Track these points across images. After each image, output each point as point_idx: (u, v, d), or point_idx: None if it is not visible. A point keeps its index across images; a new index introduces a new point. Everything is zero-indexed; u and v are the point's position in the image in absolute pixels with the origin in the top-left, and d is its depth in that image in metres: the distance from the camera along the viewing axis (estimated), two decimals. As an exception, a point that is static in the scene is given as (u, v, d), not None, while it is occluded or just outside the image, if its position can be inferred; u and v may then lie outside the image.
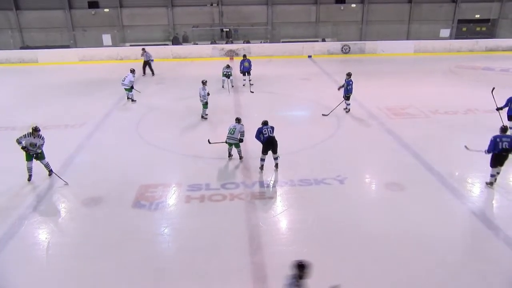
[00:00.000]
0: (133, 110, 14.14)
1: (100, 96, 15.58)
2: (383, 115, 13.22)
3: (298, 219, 7.46)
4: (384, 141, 11.10)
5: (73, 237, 7.05)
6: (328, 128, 12.16)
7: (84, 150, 10.76)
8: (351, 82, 13.11)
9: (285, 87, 17.21)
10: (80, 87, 17.79)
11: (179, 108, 14.44)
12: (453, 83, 17.71)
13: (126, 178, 9.03)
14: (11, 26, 27.07)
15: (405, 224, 7.23)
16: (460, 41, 26.26)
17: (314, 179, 8.83)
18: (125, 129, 12.24)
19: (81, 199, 8.19)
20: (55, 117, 13.28)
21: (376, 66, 21.77)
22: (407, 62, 23.10)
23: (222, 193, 8.32)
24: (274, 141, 9.02)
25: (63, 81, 19.11)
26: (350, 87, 13.07)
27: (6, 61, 23.65)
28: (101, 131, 12.17)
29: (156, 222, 7.46)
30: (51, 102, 15.49)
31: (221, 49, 24.75)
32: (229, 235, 6.99)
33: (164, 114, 13.79)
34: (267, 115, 11.65)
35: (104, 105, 14.73)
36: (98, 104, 14.82)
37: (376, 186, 8.84)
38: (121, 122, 12.91)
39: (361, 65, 22.45)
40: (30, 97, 16.41)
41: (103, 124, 12.77)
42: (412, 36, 28.26)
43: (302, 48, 24.99)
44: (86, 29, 27.32)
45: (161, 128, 12.36)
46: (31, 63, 23.42)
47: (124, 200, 8.09)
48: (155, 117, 13.51)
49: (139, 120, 13.05)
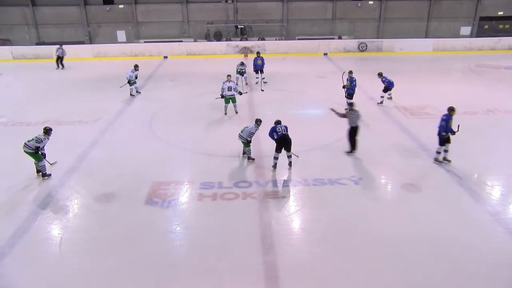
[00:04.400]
0: (146, 107, 14.26)
1: (114, 92, 15.75)
2: (400, 114, 13.08)
3: (312, 219, 7.44)
4: (401, 141, 10.99)
5: (86, 233, 7.15)
6: (343, 126, 12.03)
7: (97, 146, 10.89)
8: (354, 79, 13.02)
9: (299, 85, 17.15)
10: (94, 83, 18.04)
11: (192, 105, 14.51)
12: (473, 83, 17.40)
13: (139, 174, 9.12)
14: (27, 22, 27.62)
15: (421, 226, 7.14)
16: (481, 39, 25.80)
17: (329, 179, 8.79)
18: (138, 126, 12.36)
19: (93, 195, 8.30)
20: (69, 113, 13.48)
21: (394, 65, 21.50)
22: (425, 61, 22.79)
23: (234, 192, 8.34)
24: (288, 139, 9.00)
25: (77, 77, 19.41)
26: (353, 85, 12.95)
27: (22, 57, 24.12)
28: (114, 127, 12.31)
29: (168, 220, 7.52)
30: (65, 98, 15.72)
31: (235, 46, 24.80)
32: (241, 234, 7.00)
33: (177, 111, 13.88)
34: (281, 113, 11.65)
35: (118, 101, 14.89)
36: (112, 100, 14.98)
37: (392, 187, 8.75)
38: (134, 119, 13.04)
39: (378, 63, 22.19)
40: (45, 93, 16.69)
41: (116, 120, 12.91)
42: (431, 34, 27.94)
43: (318, 45, 24.90)
44: (100, 25, 27.70)
45: (174, 125, 12.44)
46: (46, 59, 23.79)
47: (137, 197, 8.17)
48: (168, 114, 13.60)
49: (152, 116, 13.16)
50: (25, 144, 8.71)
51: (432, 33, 27.96)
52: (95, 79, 18.97)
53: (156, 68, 21.51)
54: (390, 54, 24.55)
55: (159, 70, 21.05)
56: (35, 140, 8.71)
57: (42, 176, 8.98)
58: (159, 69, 21.30)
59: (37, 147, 8.69)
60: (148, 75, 19.25)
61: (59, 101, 15.24)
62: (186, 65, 22.14)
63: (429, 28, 28.38)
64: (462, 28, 26.97)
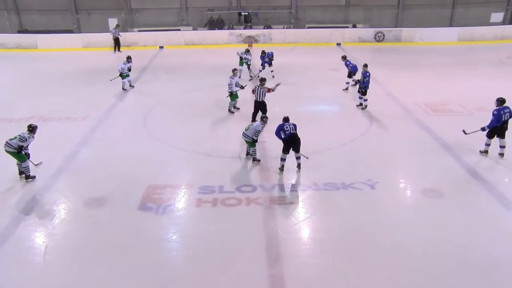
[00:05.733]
0: (140, 102, 14.29)
1: (105, 86, 15.78)
2: (421, 111, 13.02)
3: (323, 227, 7.41)
4: (422, 141, 10.93)
5: (73, 240, 7.15)
6: (358, 125, 12.04)
7: (87, 146, 10.92)
8: (367, 74, 12.96)
9: (310, 78, 17.12)
10: (84, 76, 18.09)
11: (190, 101, 14.52)
12: (504, 76, 17.23)
13: (132, 177, 9.13)
14: (7, 7, 27.46)
15: (444, 235, 7.09)
16: (515, 27, 25.42)
17: (342, 183, 8.75)
18: (131, 123, 12.38)
19: (82, 199, 8.31)
20: (56, 109, 13.51)
21: (414, 56, 21.44)
22: (449, 52, 22.67)
23: (237, 197, 8.32)
24: (297, 139, 8.97)
25: (65, 70, 19.45)
26: (367, 80, 12.92)
27: (1, 46, 24.02)
28: (106, 125, 12.34)
29: (164, 227, 7.52)
30: (52, 92, 15.78)
31: (238, 35, 24.77)
32: (244, 243, 6.98)
33: (174, 107, 13.89)
34: (289, 110, 11.57)
35: (109, 96, 14.93)
36: (103, 95, 15.03)
37: (412, 192, 8.70)
38: (127, 115, 13.07)
39: (397, 55, 22.16)
40: (29, 86, 16.74)
41: (108, 117, 12.95)
42: (456, 22, 27.63)
43: (330, 34, 24.82)
44: (90, 12, 27.72)
45: (171, 123, 12.45)
46: (30, 49, 23.84)
47: (129, 201, 8.18)
48: (164, 110, 13.63)
49: (146, 113, 13.18)
50: (6, 142, 8.72)
51: (458, 21, 27.65)
52: (85, 71, 19.05)
53: (151, 59, 21.55)
54: (410, 45, 24.45)
55: (155, 62, 21.10)
56: (19, 138, 8.72)
57: (25, 178, 8.99)
58: (155, 61, 21.34)
59: (21, 146, 8.71)
60: (142, 67, 19.28)
61: (45, 95, 15.30)
62: (184, 56, 22.17)
63: (454, 16, 28.08)
64: (492, 14, 26.58)
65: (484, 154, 9.89)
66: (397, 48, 23.94)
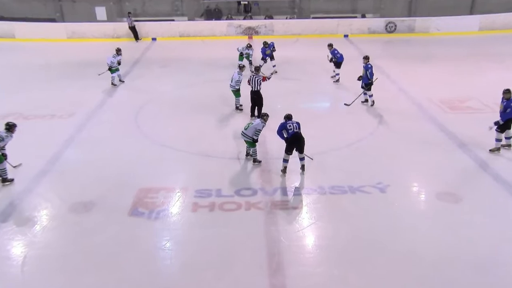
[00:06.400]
0: (131, 98, 14.33)
1: (92, 81, 15.76)
2: (436, 108, 13.02)
3: (328, 234, 7.43)
4: (437, 141, 10.92)
5: (57, 249, 7.14)
6: (366, 123, 12.04)
7: (72, 146, 10.93)
8: (369, 67, 12.90)
9: (314, 73, 17.11)
10: (69, 70, 18.07)
11: (186, 97, 14.55)
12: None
13: (122, 180, 9.15)
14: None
15: (462, 243, 7.09)
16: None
17: (349, 186, 8.77)
18: (121, 121, 12.40)
19: (68, 204, 8.30)
20: (38, 106, 13.53)
21: (429, 49, 21.37)
22: (469, 43, 22.54)
23: (236, 201, 8.35)
24: (300, 138, 9.00)
25: (48, 62, 19.44)
26: (369, 73, 12.87)
27: (-27, 35, 23.72)
28: (94, 123, 12.35)
29: (157, 234, 7.54)
30: (33, 87, 15.73)
31: (237, 26, 24.77)
32: (244, 251, 7.00)
33: (168, 104, 13.91)
34: (292, 107, 11.62)
35: (98, 92, 14.93)
36: (90, 91, 15.01)
37: (426, 196, 8.72)
38: (117, 113, 13.09)
39: (410, 47, 22.13)
40: (6, 80, 16.66)
41: (96, 115, 12.96)
42: (477, 10, 27.20)
43: (337, 25, 24.79)
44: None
45: (165, 121, 12.49)
46: (6, 38, 23.66)
47: (120, 206, 8.19)
48: (157, 107, 13.65)
49: (138, 110, 13.20)
50: None
51: (479, 7, 27.08)
52: (70, 64, 19.02)
53: (143, 52, 21.58)
54: (425, 36, 24.37)
55: (147, 55, 21.13)
56: None
57: (2, 181, 8.97)
58: (147, 54, 21.37)
59: None
60: (133, 61, 19.32)
61: (25, 90, 15.25)
62: (179, 49, 22.20)
63: (475, 2, 27.69)
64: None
65: (496, 151, 10.07)
66: (410, 39, 23.87)
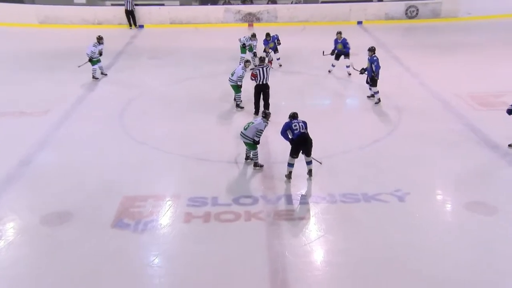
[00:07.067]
0: (115, 94, 14.34)
1: (70, 74, 15.74)
2: (465, 105, 13.02)
3: (340, 249, 7.43)
4: (466, 142, 10.92)
5: (26, 268, 7.06)
6: (382, 122, 12.06)
7: (47, 147, 10.96)
8: (375, 59, 12.83)
9: (324, 65, 17.07)
10: (42, 60, 18.04)
11: (178, 93, 14.60)
12: None
13: (105, 186, 9.16)
14: None
15: (496, 262, 7.05)
16: None
17: (363, 194, 8.78)
18: (104, 120, 12.40)
19: (40, 215, 8.23)
20: (5, 101, 13.55)
21: (457, 36, 21.27)
22: (506, 29, 22.40)
23: (234, 211, 8.36)
24: (308, 140, 9.03)
25: (16, 51, 19.39)
26: (375, 66, 12.78)
27: None
28: (72, 122, 12.35)
29: (144, 248, 7.56)
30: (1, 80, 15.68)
31: (236, 12, 24.77)
32: (243, 268, 7.02)
33: (158, 100, 13.94)
34: (298, 104, 11.65)
35: (76, 86, 14.93)
36: (68, 85, 15.02)
37: (453, 206, 8.70)
38: (98, 110, 13.07)
39: (434, 34, 22.00)
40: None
41: (74, 112, 12.97)
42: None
43: (349, 10, 24.79)
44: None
45: (154, 119, 12.51)
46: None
47: (101, 217, 8.18)
48: (145, 104, 13.68)
49: (124, 107, 13.23)
50: None
51: None
52: (42, 55, 18.97)
53: (129, 41, 21.66)
54: (453, 21, 24.18)
55: (133, 44, 21.21)
56: None
57: None
58: (133, 43, 21.45)
59: None
60: (117, 51, 19.37)
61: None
62: (170, 38, 22.21)
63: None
64: None
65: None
66: (435, 26, 23.75)
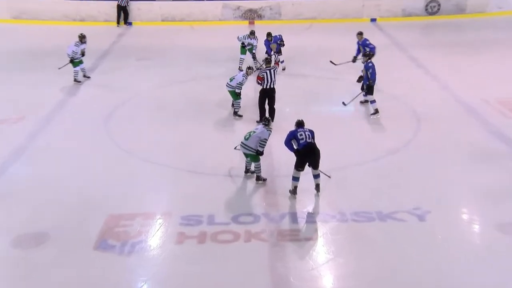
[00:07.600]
0: (99, 99, 14.37)
1: (49, 76, 15.83)
2: (492, 111, 13.06)
3: (351, 273, 7.39)
4: (494, 153, 10.95)
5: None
6: (399, 132, 12.04)
7: (21, 159, 10.94)
8: (370, 65, 12.89)
9: (332, 67, 17.10)
10: (17, 61, 18.09)
11: (170, 97, 14.66)
12: None
13: (87, 203, 9.13)
14: None
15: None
16: None
17: (378, 212, 8.76)
18: (87, 127, 12.41)
19: (12, 236, 8.20)
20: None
21: (485, 33, 21.26)
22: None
23: (233, 230, 8.34)
24: (315, 150, 9.01)
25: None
26: (371, 73, 12.82)
27: None
28: (50, 130, 12.39)
29: (132, 272, 7.52)
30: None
31: (236, 8, 24.88)
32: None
33: (148, 106, 14.01)
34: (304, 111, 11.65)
35: (56, 90, 14.99)
36: (46, 89, 15.06)
37: (481, 227, 8.63)
38: (81, 117, 13.07)
39: (458, 32, 22.07)
40: None
41: (53, 119, 13.02)
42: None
43: (362, 7, 24.96)
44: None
45: (143, 127, 12.53)
46: None
47: (83, 238, 8.15)
48: (133, 111, 13.73)
49: (109, 114, 13.26)
50: None
51: None
52: (17, 54, 19.01)
53: (116, 40, 21.77)
54: (480, 17, 24.21)
55: (120, 44, 21.31)
56: None
57: None
58: (120, 42, 21.55)
59: None
60: (102, 51, 19.46)
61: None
62: (162, 37, 22.31)
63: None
64: None
65: None
66: (460, 22, 23.82)
